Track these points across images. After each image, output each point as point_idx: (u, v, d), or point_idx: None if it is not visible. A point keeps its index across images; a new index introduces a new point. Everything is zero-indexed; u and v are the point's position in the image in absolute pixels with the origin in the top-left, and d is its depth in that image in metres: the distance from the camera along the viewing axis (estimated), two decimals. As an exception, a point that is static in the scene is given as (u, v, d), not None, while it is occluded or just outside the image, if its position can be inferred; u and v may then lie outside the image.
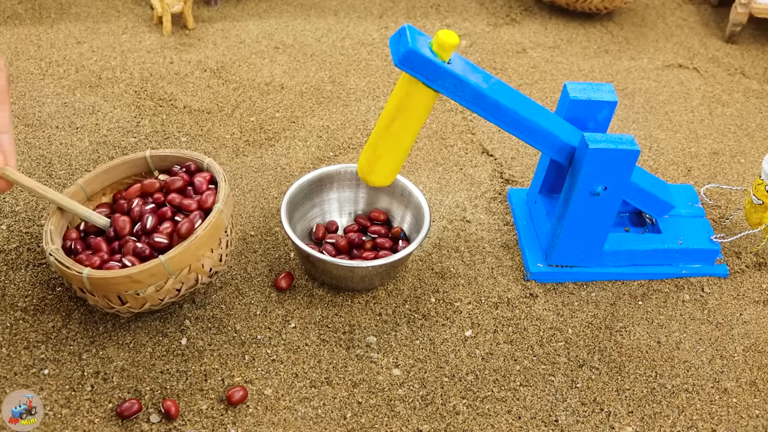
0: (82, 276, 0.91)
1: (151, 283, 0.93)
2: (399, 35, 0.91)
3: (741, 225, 1.23)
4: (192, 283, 0.98)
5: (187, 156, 1.07)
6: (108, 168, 1.07)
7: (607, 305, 1.10)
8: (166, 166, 1.09)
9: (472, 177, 1.29)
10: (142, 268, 0.91)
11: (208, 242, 0.96)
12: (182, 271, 0.95)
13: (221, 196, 0.99)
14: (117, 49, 1.53)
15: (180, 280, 0.95)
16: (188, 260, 0.94)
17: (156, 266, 0.91)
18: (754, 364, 1.04)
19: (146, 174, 1.09)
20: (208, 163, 1.05)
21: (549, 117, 1.02)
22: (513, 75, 1.57)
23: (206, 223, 0.95)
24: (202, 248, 0.95)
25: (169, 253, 0.92)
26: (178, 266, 0.94)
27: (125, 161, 1.07)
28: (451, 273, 1.13)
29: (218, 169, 1.03)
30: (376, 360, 1.01)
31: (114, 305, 0.95)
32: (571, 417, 0.96)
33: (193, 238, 0.94)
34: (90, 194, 1.05)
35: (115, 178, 1.08)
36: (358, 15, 1.71)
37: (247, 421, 0.93)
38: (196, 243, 0.94)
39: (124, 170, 1.08)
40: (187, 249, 0.93)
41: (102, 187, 1.07)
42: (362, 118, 1.41)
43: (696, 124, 1.47)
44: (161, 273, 0.93)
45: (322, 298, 1.08)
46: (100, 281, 0.91)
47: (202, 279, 0.98)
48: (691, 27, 1.77)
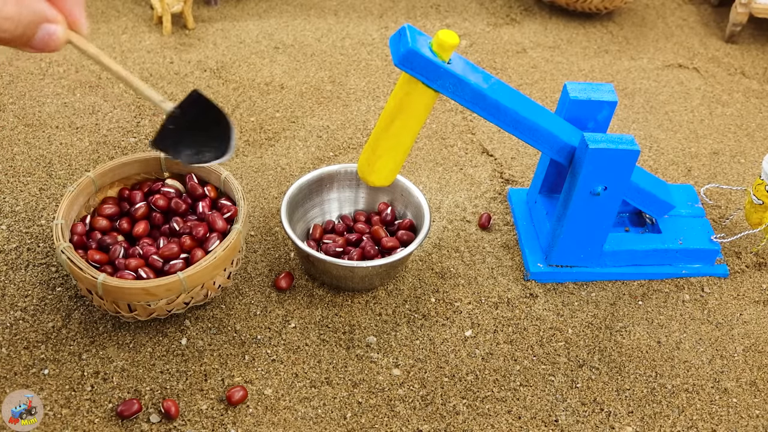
0: (97, 281, 0.91)
1: (165, 297, 0.94)
2: (399, 35, 0.91)
3: (741, 225, 1.23)
4: (201, 298, 0.99)
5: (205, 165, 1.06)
6: (121, 163, 1.07)
7: (607, 305, 1.10)
8: (178, 170, 1.09)
9: (472, 177, 1.29)
10: (159, 282, 0.91)
11: (224, 263, 0.97)
12: (195, 288, 0.96)
13: (240, 216, 0.99)
14: (117, 49, 1.53)
15: (191, 295, 0.96)
16: (204, 278, 0.95)
17: (173, 282, 0.92)
18: (754, 364, 1.04)
19: (156, 174, 1.10)
20: (225, 177, 1.05)
21: (549, 117, 1.02)
22: (513, 75, 1.57)
23: (225, 243, 0.96)
24: (219, 268, 0.96)
25: (187, 271, 0.93)
26: (194, 283, 0.95)
27: (139, 159, 1.08)
28: (451, 273, 1.13)
29: (237, 186, 1.03)
30: (376, 360, 1.01)
31: (121, 311, 0.95)
32: (571, 417, 0.96)
33: (213, 258, 0.94)
34: (99, 186, 1.06)
35: (126, 173, 1.08)
36: (358, 15, 1.71)
37: (247, 421, 0.93)
38: (214, 263, 0.95)
39: (136, 167, 1.09)
40: (206, 268, 0.94)
41: (112, 180, 1.08)
42: (362, 118, 1.41)
43: (696, 124, 1.47)
44: (177, 288, 0.93)
45: (322, 298, 1.08)
46: (114, 289, 0.91)
47: (210, 294, 0.99)
48: (691, 27, 1.77)
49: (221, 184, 1.06)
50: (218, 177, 1.06)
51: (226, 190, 1.06)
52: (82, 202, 1.05)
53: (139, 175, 1.09)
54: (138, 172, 1.09)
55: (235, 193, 1.03)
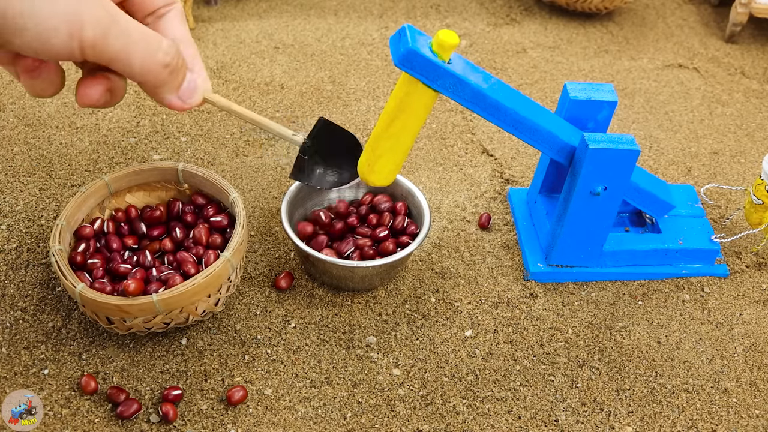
0: (75, 290, 0.90)
1: (139, 316, 0.92)
2: (399, 35, 0.91)
3: (741, 225, 1.23)
4: (182, 321, 0.96)
5: (217, 183, 1.05)
6: (138, 170, 1.06)
7: (607, 305, 1.10)
8: (194, 183, 1.08)
9: (472, 177, 1.29)
10: (131, 302, 0.89)
11: (205, 290, 0.94)
12: (173, 311, 0.93)
13: (233, 244, 0.96)
14: (117, 49, 1.53)
15: (170, 317, 0.94)
16: (181, 303, 0.92)
17: (146, 303, 0.90)
18: (754, 364, 1.04)
19: (174, 183, 1.09)
20: (233, 199, 1.02)
21: (549, 117, 1.02)
22: (513, 75, 1.57)
23: (206, 271, 0.93)
24: (199, 294, 0.93)
25: (161, 294, 0.90)
26: (170, 307, 0.92)
27: (157, 167, 1.07)
28: (451, 273, 1.13)
29: (241, 211, 1.00)
30: (376, 360, 1.01)
31: (100, 322, 0.95)
32: (571, 417, 0.96)
33: (191, 284, 0.91)
34: (114, 191, 1.05)
35: (142, 180, 1.07)
36: (358, 15, 1.71)
37: (247, 421, 0.93)
38: (192, 290, 0.92)
39: (154, 175, 1.08)
40: (182, 294, 0.91)
41: (128, 186, 1.07)
42: (362, 118, 1.41)
43: (696, 124, 1.47)
44: (151, 310, 0.91)
45: (322, 298, 1.08)
46: (90, 301, 0.90)
47: (191, 319, 0.97)
48: (691, 27, 1.77)
49: (229, 205, 1.04)
50: (227, 198, 1.04)
51: (232, 211, 1.04)
52: (93, 205, 1.04)
53: (158, 182, 1.08)
54: (156, 179, 1.08)
55: (237, 217, 1.00)
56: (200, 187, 1.08)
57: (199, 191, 1.09)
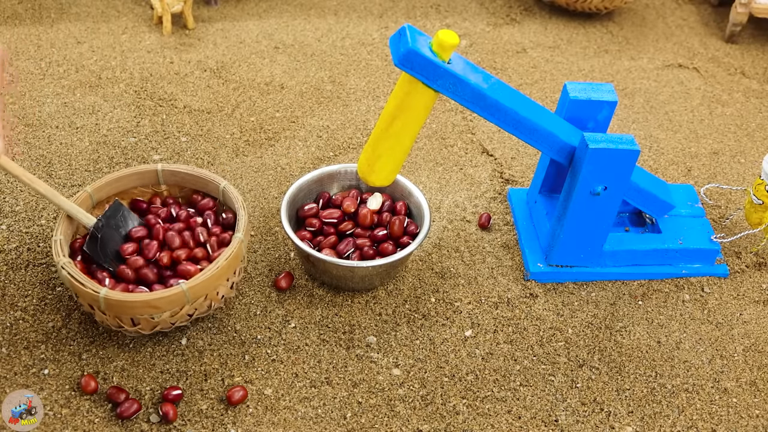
0: (99, 296, 0.90)
1: (168, 309, 0.93)
2: (399, 35, 0.91)
3: (741, 225, 1.23)
4: (204, 309, 0.98)
5: (202, 176, 1.06)
6: (118, 177, 1.06)
7: (607, 305, 1.10)
8: (175, 182, 1.08)
9: (472, 177, 1.29)
10: (162, 294, 0.91)
11: (226, 272, 0.96)
12: (198, 299, 0.95)
13: (241, 225, 0.98)
14: (117, 49, 1.53)
15: (195, 306, 0.96)
16: (207, 289, 0.95)
17: (177, 294, 0.92)
18: (754, 364, 1.04)
19: (154, 186, 1.09)
20: (224, 187, 1.04)
21: (549, 117, 1.02)
22: (513, 75, 1.57)
23: (227, 252, 0.95)
24: (221, 278, 0.96)
25: (190, 282, 0.92)
26: (197, 294, 0.94)
27: (135, 172, 1.07)
28: (451, 273, 1.13)
29: (237, 196, 1.02)
30: (376, 360, 1.01)
31: (124, 325, 0.95)
32: (571, 417, 0.96)
33: (215, 267, 0.94)
34: (97, 201, 1.05)
35: (123, 187, 1.08)
36: (358, 15, 1.71)
37: (247, 421, 0.93)
38: (217, 273, 0.94)
39: (133, 180, 1.08)
40: (209, 279, 0.93)
41: (108, 195, 1.07)
42: (362, 118, 1.41)
43: (696, 124, 1.47)
44: (180, 300, 0.93)
45: (322, 298, 1.08)
46: (117, 303, 0.90)
47: (213, 305, 0.99)
48: (691, 27, 1.77)
49: (220, 194, 1.05)
50: (216, 187, 1.05)
51: (225, 200, 1.05)
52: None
53: (136, 188, 1.08)
54: (135, 185, 1.08)
55: (235, 202, 1.02)
56: (184, 184, 1.09)
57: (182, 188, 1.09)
